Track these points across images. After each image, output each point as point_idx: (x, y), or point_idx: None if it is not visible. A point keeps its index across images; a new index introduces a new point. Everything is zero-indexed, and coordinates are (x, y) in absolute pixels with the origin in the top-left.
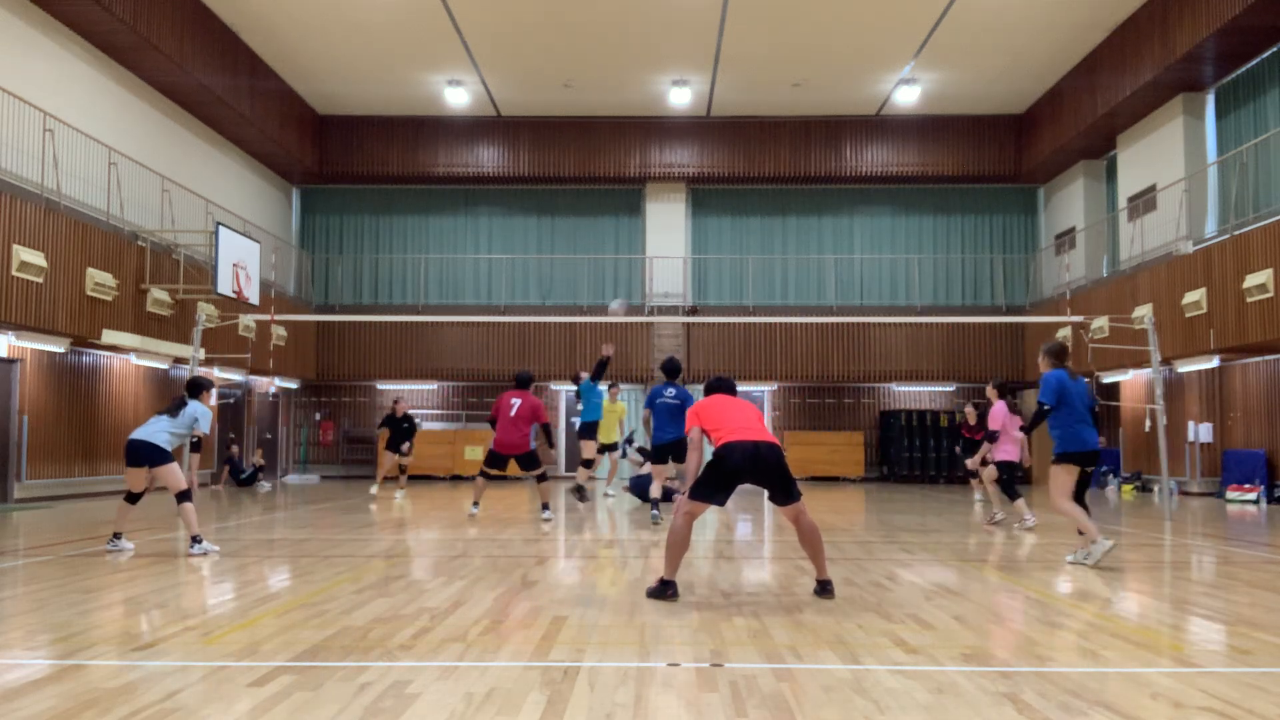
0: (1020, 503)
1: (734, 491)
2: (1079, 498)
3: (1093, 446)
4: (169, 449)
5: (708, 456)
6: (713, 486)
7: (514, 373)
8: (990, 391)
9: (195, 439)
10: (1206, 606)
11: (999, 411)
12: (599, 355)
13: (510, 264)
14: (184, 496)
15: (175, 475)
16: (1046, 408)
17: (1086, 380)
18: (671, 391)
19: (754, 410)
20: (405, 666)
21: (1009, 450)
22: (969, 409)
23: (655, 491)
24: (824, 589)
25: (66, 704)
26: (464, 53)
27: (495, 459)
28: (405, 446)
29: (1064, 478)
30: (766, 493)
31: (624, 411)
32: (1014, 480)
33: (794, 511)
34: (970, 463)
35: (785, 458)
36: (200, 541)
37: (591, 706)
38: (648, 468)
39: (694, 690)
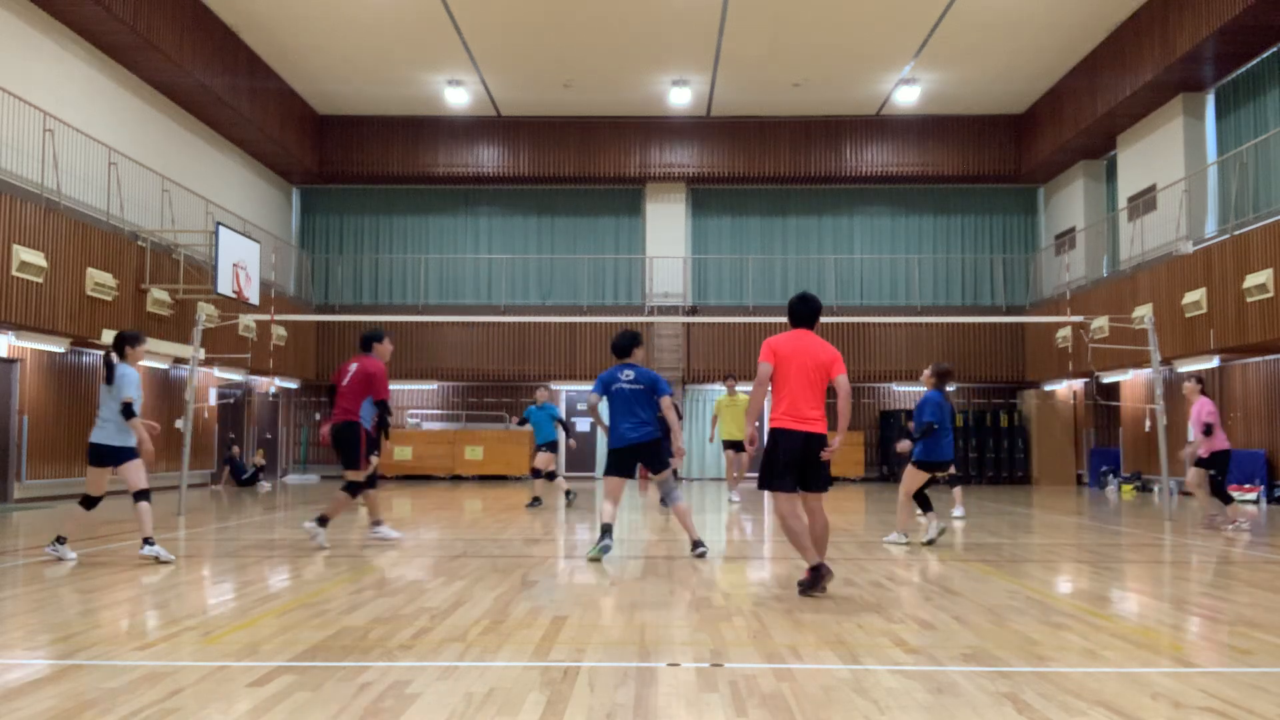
0: (1235, 507)
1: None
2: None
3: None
4: (129, 443)
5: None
6: (778, 474)
7: (514, 373)
8: (1190, 387)
9: (123, 405)
10: (1206, 606)
11: (1206, 407)
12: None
13: (510, 264)
14: (142, 496)
15: (136, 473)
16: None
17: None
18: (630, 374)
19: (823, 365)
20: (405, 666)
21: (1220, 441)
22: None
23: (606, 515)
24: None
25: (66, 704)
26: (464, 53)
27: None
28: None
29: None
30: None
31: (744, 402)
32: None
33: (816, 501)
34: (1185, 454)
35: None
36: (151, 544)
37: (591, 706)
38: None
39: (694, 690)
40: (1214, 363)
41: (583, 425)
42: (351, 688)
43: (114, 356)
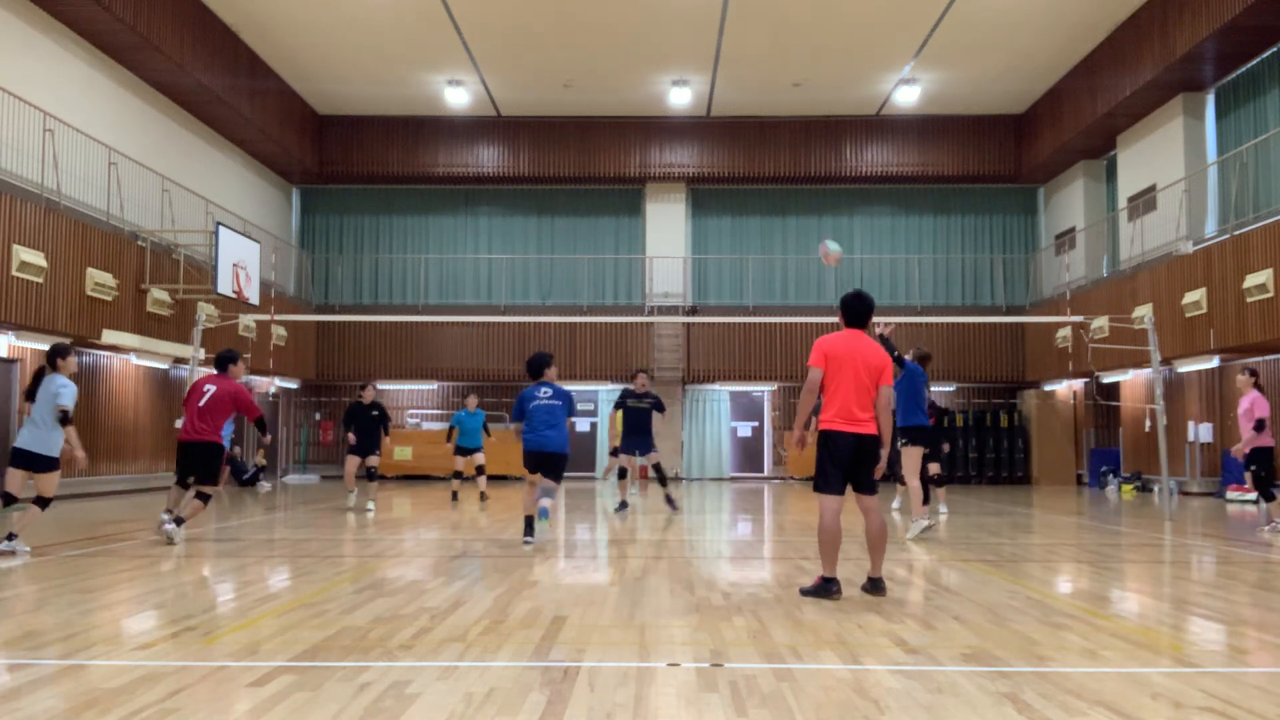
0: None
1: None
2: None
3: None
4: (56, 452)
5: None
6: (830, 477)
7: (514, 373)
8: (1244, 380)
9: (61, 413)
10: (1206, 606)
11: (1260, 402)
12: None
13: (510, 264)
14: (45, 504)
15: (53, 483)
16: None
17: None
18: (548, 391)
19: (874, 369)
20: (405, 666)
21: (1263, 437)
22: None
23: (529, 508)
24: (875, 587)
25: (66, 704)
26: (464, 53)
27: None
28: (375, 458)
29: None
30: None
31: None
32: (1272, 475)
33: (871, 501)
34: (1235, 451)
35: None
36: (14, 539)
37: (591, 706)
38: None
39: (694, 690)
40: (1214, 363)
41: (582, 425)
42: (351, 688)
43: (47, 368)
